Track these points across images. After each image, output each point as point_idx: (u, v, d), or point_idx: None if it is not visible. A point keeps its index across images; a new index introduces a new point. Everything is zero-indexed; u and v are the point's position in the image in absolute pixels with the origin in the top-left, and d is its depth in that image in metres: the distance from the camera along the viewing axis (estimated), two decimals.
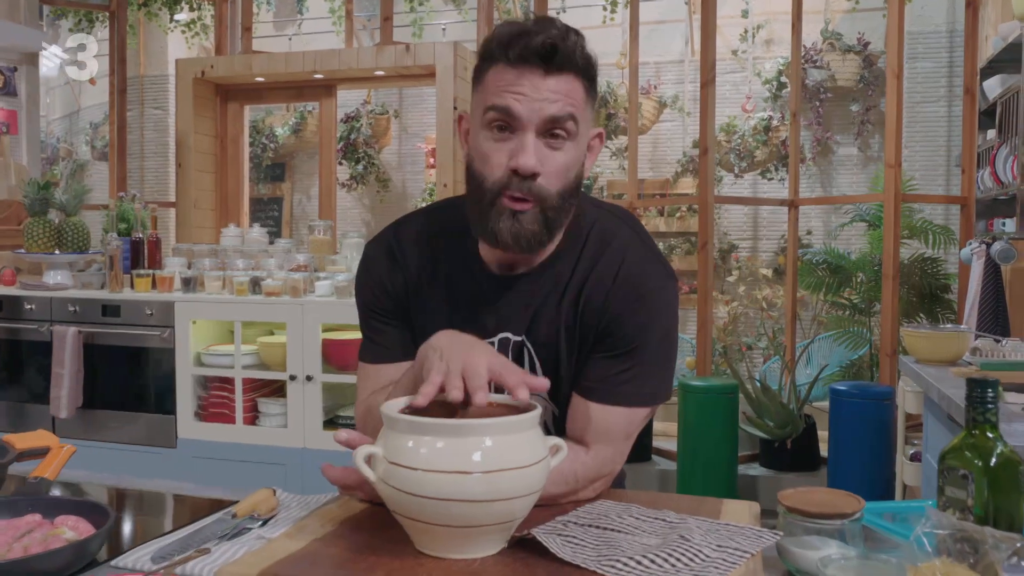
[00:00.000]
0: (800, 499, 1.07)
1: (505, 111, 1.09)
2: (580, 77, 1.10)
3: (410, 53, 4.36)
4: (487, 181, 1.12)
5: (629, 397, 1.18)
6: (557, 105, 1.08)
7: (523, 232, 1.12)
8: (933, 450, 2.63)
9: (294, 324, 3.14)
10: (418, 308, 1.25)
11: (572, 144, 1.12)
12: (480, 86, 1.14)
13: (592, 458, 1.17)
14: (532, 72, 1.08)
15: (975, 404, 0.82)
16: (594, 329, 1.19)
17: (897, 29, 3.90)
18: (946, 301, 4.41)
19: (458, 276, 1.24)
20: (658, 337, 1.19)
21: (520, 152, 1.08)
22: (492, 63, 1.11)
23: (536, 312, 1.21)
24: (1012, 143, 3.09)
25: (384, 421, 0.95)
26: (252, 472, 3.22)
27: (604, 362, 1.19)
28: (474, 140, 1.15)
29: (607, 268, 1.19)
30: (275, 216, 7.41)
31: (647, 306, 1.18)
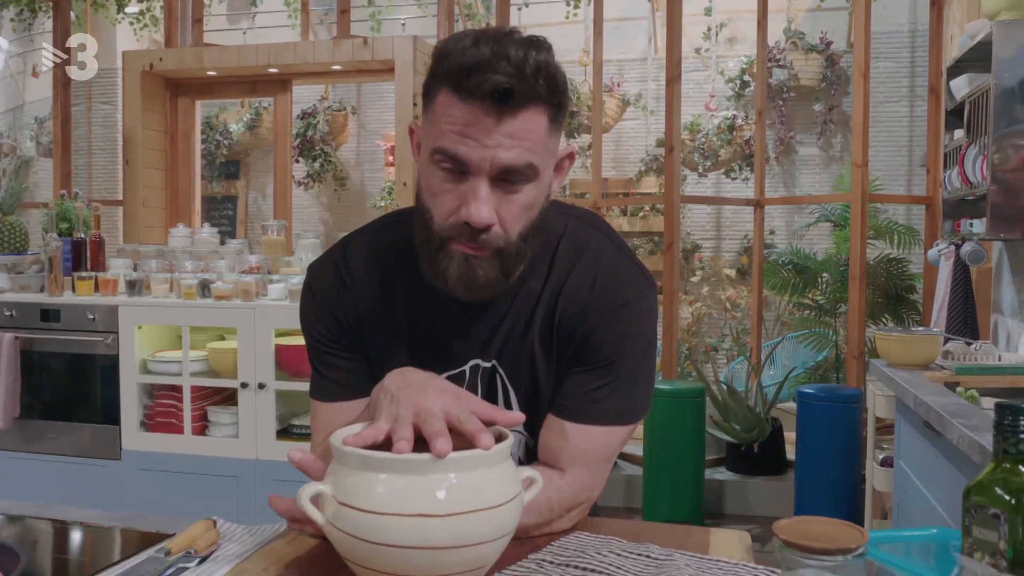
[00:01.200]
0: (797, 531, 0.97)
1: (453, 158, 0.95)
2: (543, 107, 0.96)
3: (368, 47, 4.23)
4: (434, 223, 1.00)
5: (607, 415, 1.08)
6: (512, 153, 0.94)
7: (476, 278, 1.00)
8: (906, 455, 2.58)
9: (245, 329, 3.00)
10: (374, 339, 1.12)
11: (533, 184, 0.99)
12: (430, 110, 0.99)
13: (568, 484, 1.06)
14: (485, 113, 0.93)
15: (1006, 434, 0.73)
16: (571, 343, 1.09)
17: (864, 28, 3.86)
18: (911, 302, 4.38)
19: (416, 300, 1.10)
20: (638, 350, 1.09)
21: (472, 200, 0.96)
22: (442, 86, 0.96)
23: (507, 335, 1.10)
24: (981, 143, 3.04)
25: (334, 455, 0.84)
26: (201, 485, 3.07)
27: (580, 377, 1.08)
28: (423, 169, 1.02)
29: (582, 278, 1.08)
30: (229, 215, 7.20)
31: (626, 316, 1.08)
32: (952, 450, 1.97)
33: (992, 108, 2.90)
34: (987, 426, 1.80)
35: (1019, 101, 2.88)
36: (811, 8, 5.76)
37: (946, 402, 2.10)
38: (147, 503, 3.11)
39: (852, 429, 3.69)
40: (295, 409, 3.24)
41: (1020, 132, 2.87)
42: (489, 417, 0.88)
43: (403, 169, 4.22)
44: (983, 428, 1.78)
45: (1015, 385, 2.46)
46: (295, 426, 3.12)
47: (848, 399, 3.70)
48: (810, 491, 3.76)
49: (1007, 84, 2.88)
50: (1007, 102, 2.88)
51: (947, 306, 3.31)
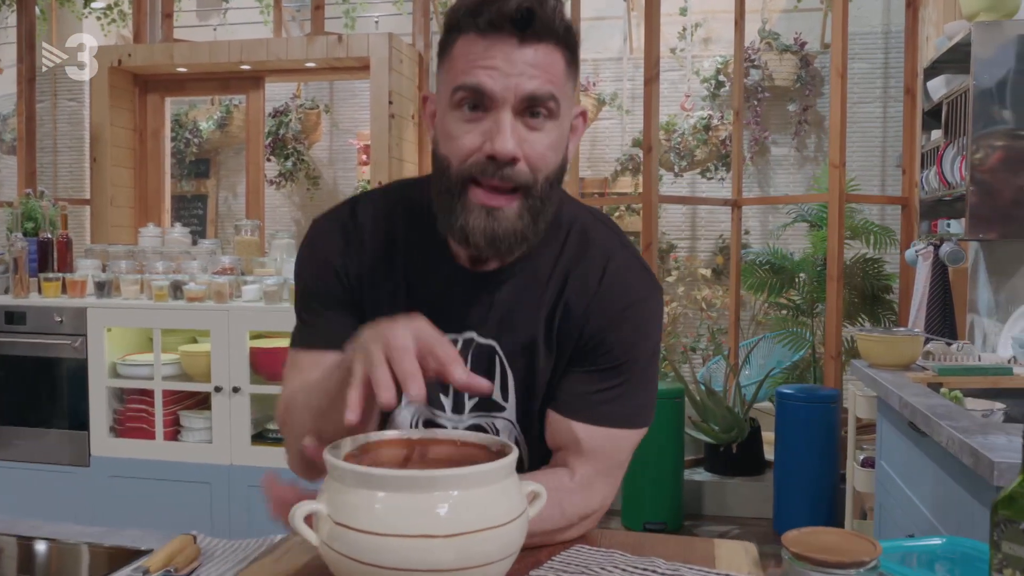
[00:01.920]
0: (807, 543, 0.94)
1: (475, 89, 0.92)
2: (560, 47, 0.95)
3: (343, 44, 4.17)
4: (454, 167, 0.95)
5: (618, 418, 1.04)
6: (536, 81, 0.92)
7: (500, 231, 0.95)
8: (888, 456, 2.57)
9: (219, 332, 2.92)
10: (371, 300, 1.07)
11: (554, 124, 0.96)
12: (446, 61, 0.97)
13: (580, 488, 1.02)
14: (505, 42, 0.92)
15: None
16: (574, 339, 1.04)
17: (841, 29, 3.86)
18: (887, 302, 4.40)
19: (420, 266, 1.06)
20: (647, 353, 1.06)
21: (496, 134, 0.92)
22: (459, 33, 0.95)
23: (509, 312, 1.05)
24: (960, 143, 3.05)
25: (328, 470, 0.79)
26: (174, 491, 3.00)
27: (587, 377, 1.04)
28: (440, 121, 0.98)
29: (590, 270, 1.05)
30: (199, 214, 7.08)
31: (633, 320, 1.04)
32: (939, 452, 1.96)
33: (971, 109, 2.91)
34: (976, 428, 1.79)
35: (997, 102, 2.89)
36: (785, 9, 5.77)
37: (932, 403, 2.09)
38: (117, 510, 3.03)
39: (831, 429, 3.70)
40: (270, 413, 3.17)
41: (999, 132, 2.88)
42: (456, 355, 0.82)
43: (378, 169, 4.16)
44: (972, 430, 1.77)
45: (997, 386, 2.46)
46: (270, 431, 3.05)
47: (827, 399, 3.70)
48: (789, 491, 3.76)
49: (986, 85, 2.89)
50: (986, 103, 2.89)
51: (926, 306, 3.32)
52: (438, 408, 1.09)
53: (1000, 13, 2.93)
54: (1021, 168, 2.86)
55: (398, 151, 4.20)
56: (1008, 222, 2.88)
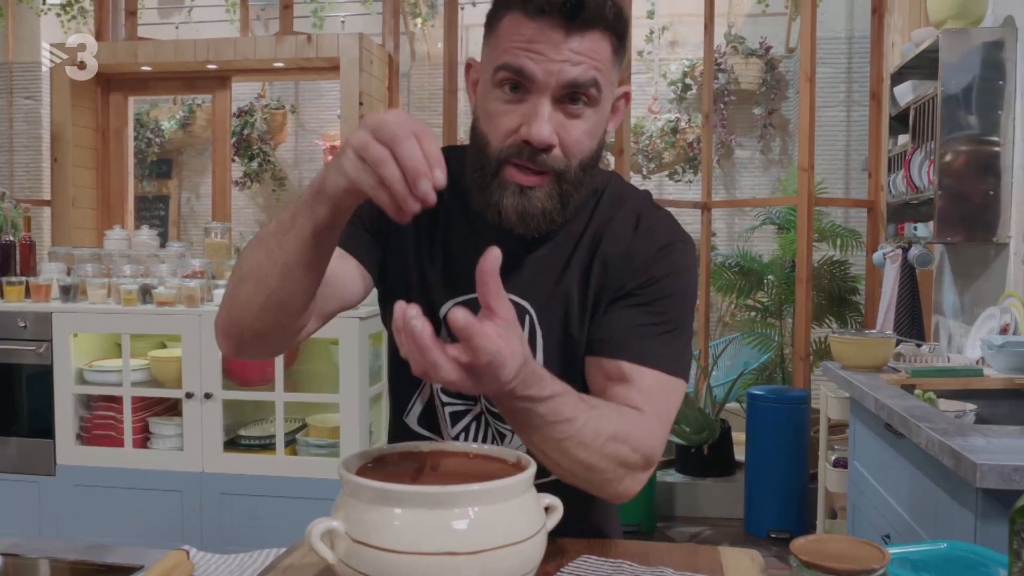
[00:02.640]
0: (815, 550, 0.94)
1: (518, 72, 0.92)
2: (608, 34, 0.95)
3: (312, 44, 4.12)
4: (491, 146, 0.96)
5: (663, 359, 1.00)
6: (579, 68, 0.93)
7: (531, 210, 0.96)
8: (862, 457, 2.60)
9: (191, 337, 2.87)
10: (402, 249, 1.07)
11: (593, 111, 0.96)
12: (492, 35, 0.97)
13: (639, 417, 0.95)
14: (553, 28, 0.92)
15: None
16: (613, 290, 1.04)
17: (810, 33, 3.91)
18: (854, 304, 4.47)
19: (454, 224, 1.07)
20: (684, 299, 1.04)
21: (533, 120, 0.93)
22: (508, 10, 0.95)
23: (540, 271, 1.05)
24: (927, 148, 3.11)
25: (344, 486, 0.77)
26: (143, 500, 2.93)
27: (631, 312, 1.02)
28: (482, 96, 0.99)
29: (625, 223, 1.06)
30: (161, 215, 6.96)
31: (670, 260, 1.04)
32: (916, 453, 1.99)
33: (939, 114, 2.96)
34: (954, 430, 1.81)
35: (964, 107, 2.95)
36: (751, 13, 5.84)
37: (908, 405, 2.12)
38: (85, 520, 2.96)
39: (801, 430, 3.74)
40: (242, 419, 3.12)
41: (965, 138, 2.93)
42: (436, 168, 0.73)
43: None
44: (951, 432, 1.79)
45: (968, 387, 2.50)
46: (243, 437, 3.00)
47: (797, 400, 3.74)
48: (760, 492, 3.79)
49: (953, 91, 2.94)
50: (953, 108, 2.95)
51: (894, 308, 3.37)
52: None
53: (967, 21, 2.98)
54: (987, 173, 2.92)
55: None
56: (974, 225, 2.94)
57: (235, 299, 0.90)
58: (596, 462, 0.90)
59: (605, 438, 0.90)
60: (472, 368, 0.72)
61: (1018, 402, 2.50)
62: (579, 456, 0.88)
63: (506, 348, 0.72)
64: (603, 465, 0.91)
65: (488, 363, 0.72)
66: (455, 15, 4.26)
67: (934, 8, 3.05)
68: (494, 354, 0.71)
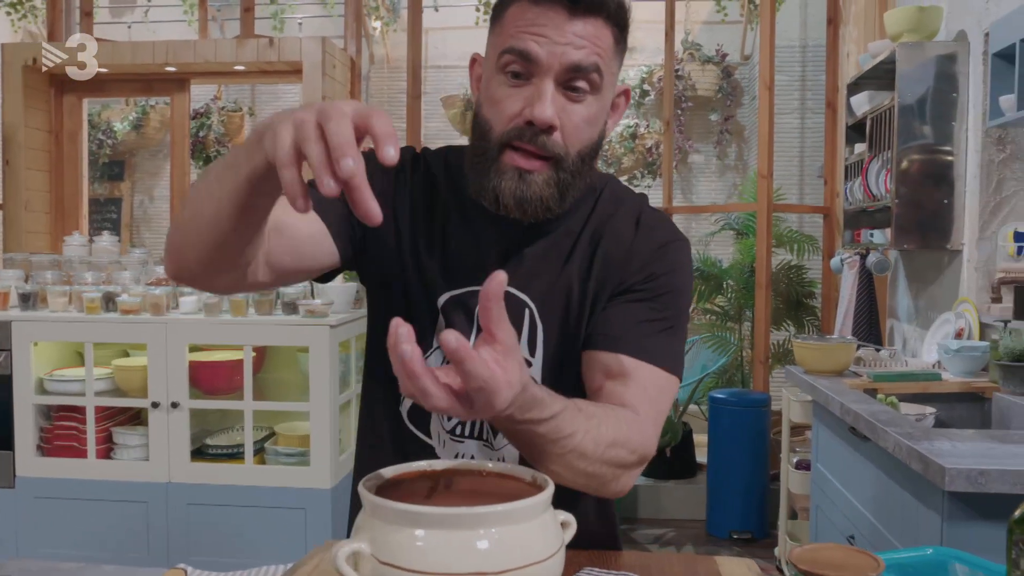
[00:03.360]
0: (812, 559, 0.97)
1: (522, 54, 0.94)
2: (610, 23, 0.97)
3: (274, 48, 4.09)
4: (494, 130, 0.97)
5: (660, 355, 1.01)
6: (582, 52, 0.94)
7: (529, 195, 0.97)
8: (824, 459, 2.67)
9: (156, 345, 2.82)
10: (382, 236, 1.07)
11: (595, 98, 0.98)
12: (497, 26, 0.99)
13: (640, 425, 0.96)
14: (556, 12, 0.94)
15: None
16: (613, 282, 1.06)
17: (769, 43, 3.99)
18: (811, 308, 4.57)
19: (455, 216, 1.08)
20: (681, 297, 1.07)
21: (536, 101, 0.94)
22: (512, 0, 0.97)
23: (540, 265, 1.07)
24: (884, 157, 3.19)
25: (366, 507, 0.78)
26: (108, 511, 2.88)
27: (631, 307, 1.04)
28: (486, 84, 1.00)
29: (625, 221, 1.08)
30: (113, 218, 6.82)
31: (669, 258, 1.07)
32: (882, 456, 2.05)
33: (896, 124, 3.05)
34: (920, 434, 1.88)
35: (919, 118, 3.04)
36: (707, 21, 5.93)
37: (873, 410, 2.18)
38: (47, 533, 2.89)
39: (762, 432, 3.81)
40: (208, 428, 3.09)
41: (921, 147, 3.03)
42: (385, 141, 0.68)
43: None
44: (917, 436, 1.86)
45: (927, 391, 2.58)
46: (209, 446, 2.96)
47: (758, 403, 3.81)
48: (722, 493, 3.86)
49: (909, 101, 3.03)
50: (909, 119, 3.04)
51: (852, 313, 3.45)
52: None
53: (922, 35, 3.08)
54: (941, 182, 3.01)
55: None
56: (929, 233, 3.03)
57: (178, 221, 0.91)
58: (596, 470, 0.92)
59: (605, 446, 0.91)
60: (464, 394, 0.72)
61: (973, 405, 2.59)
62: (579, 466, 0.90)
63: (500, 375, 0.71)
64: (603, 471, 0.93)
65: (479, 388, 0.70)
66: (419, 20, 4.26)
67: (891, 22, 3.14)
68: (486, 380, 0.69)
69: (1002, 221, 2.81)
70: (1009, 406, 2.40)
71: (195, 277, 0.95)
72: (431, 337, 1.08)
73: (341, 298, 2.93)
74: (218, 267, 0.91)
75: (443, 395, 0.70)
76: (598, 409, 0.94)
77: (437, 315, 1.07)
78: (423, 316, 1.07)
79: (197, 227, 0.87)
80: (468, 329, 1.06)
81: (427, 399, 0.70)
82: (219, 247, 0.87)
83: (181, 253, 0.92)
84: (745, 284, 4.47)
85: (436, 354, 1.08)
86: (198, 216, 0.86)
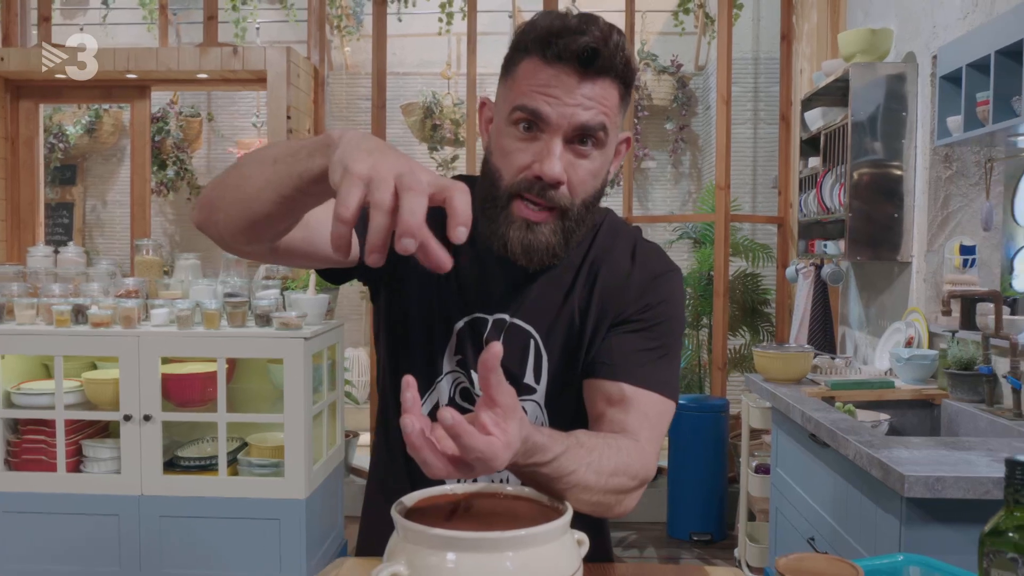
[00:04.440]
0: (798, 568, 1.05)
1: (534, 113, 1.00)
2: (617, 82, 1.03)
3: (238, 57, 4.09)
4: (504, 180, 1.03)
5: (660, 383, 1.08)
6: (590, 113, 1.00)
7: (536, 244, 1.03)
8: (784, 463, 2.77)
9: (128, 358, 2.82)
10: (411, 266, 1.13)
11: (600, 153, 1.04)
12: (510, 78, 1.04)
13: (640, 450, 1.03)
14: (568, 74, 1.00)
15: (1017, 486, 0.84)
16: (612, 313, 1.13)
17: (726, 57, 4.11)
18: (766, 315, 4.71)
19: (464, 249, 1.11)
20: (677, 325, 1.14)
21: (546, 157, 1.00)
22: (526, 55, 1.02)
23: (543, 298, 1.13)
24: (838, 172, 3.32)
25: (404, 534, 0.83)
26: (78, 526, 2.87)
27: (631, 337, 1.11)
28: (496, 133, 1.06)
29: (621, 253, 1.15)
30: (65, 223, 6.71)
31: (665, 287, 1.14)
32: (842, 462, 2.15)
33: (849, 140, 3.18)
34: (879, 442, 1.98)
35: (871, 135, 3.18)
36: (663, 32, 6.05)
37: (833, 418, 2.29)
38: (15, 548, 2.87)
39: (721, 437, 3.93)
40: (178, 440, 3.09)
41: (872, 163, 3.16)
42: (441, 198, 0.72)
43: None
44: (876, 444, 1.96)
45: (882, 398, 2.71)
46: (181, 458, 2.96)
47: (717, 408, 3.93)
48: (682, 496, 3.96)
49: (861, 119, 3.17)
50: (861, 135, 3.17)
51: (808, 321, 3.58)
52: (468, 384, 1.15)
53: (874, 55, 3.21)
54: (892, 196, 3.15)
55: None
56: (880, 245, 3.17)
57: (222, 180, 0.94)
58: (600, 499, 0.99)
59: (607, 476, 0.98)
60: (463, 461, 0.78)
61: (924, 411, 2.73)
62: (584, 497, 0.97)
63: (498, 440, 0.77)
64: (606, 499, 1.00)
65: (478, 459, 0.76)
66: (383, 30, 4.29)
67: (844, 42, 3.27)
68: (481, 451, 0.75)
69: (949, 235, 2.95)
70: (957, 412, 2.53)
71: (221, 238, 0.98)
72: (442, 358, 1.15)
73: (314, 310, 2.96)
74: (244, 236, 0.95)
75: (442, 464, 0.78)
76: (599, 441, 1.00)
77: (451, 337, 1.14)
78: (437, 338, 1.15)
79: (237, 196, 0.91)
80: (476, 354, 1.13)
81: (427, 469, 0.78)
82: (252, 221, 0.91)
83: (213, 210, 0.95)
84: (703, 292, 4.59)
85: (447, 379, 1.15)
86: (242, 185, 0.90)
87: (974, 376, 2.51)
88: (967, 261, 2.86)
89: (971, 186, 2.93)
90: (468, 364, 1.14)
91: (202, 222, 0.99)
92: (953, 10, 2.84)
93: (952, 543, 1.73)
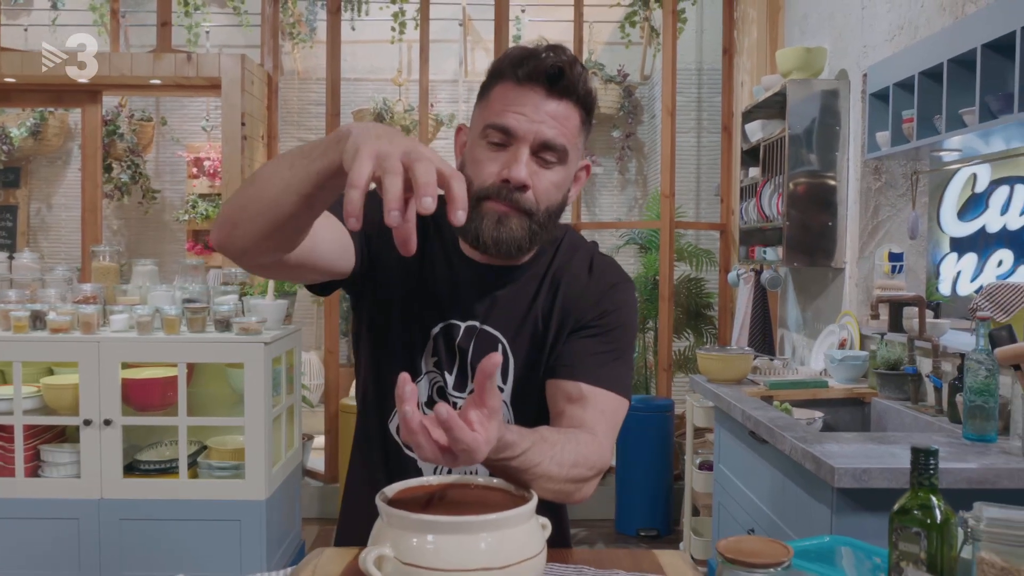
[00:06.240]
0: (736, 548, 1.16)
1: (503, 129, 1.12)
2: (579, 107, 1.15)
3: (192, 63, 4.12)
4: (474, 185, 1.14)
5: (615, 382, 1.21)
6: (554, 131, 1.12)
7: (505, 236, 1.14)
8: (726, 460, 2.92)
9: (88, 363, 2.85)
10: (387, 270, 1.23)
11: (562, 167, 1.15)
12: (484, 102, 1.17)
13: (598, 443, 1.14)
14: (536, 92, 1.12)
15: (920, 470, 0.97)
16: (572, 319, 1.24)
17: (671, 69, 4.27)
18: (709, 318, 4.88)
19: (435, 257, 1.25)
20: (629, 331, 1.26)
21: (513, 163, 1.12)
22: (500, 80, 1.15)
23: (511, 306, 1.24)
24: (776, 182, 3.49)
25: (388, 520, 0.93)
26: (37, 530, 2.88)
27: (586, 341, 1.22)
28: (470, 148, 1.18)
29: (580, 266, 1.27)
30: (8, 227, 6.61)
31: (619, 296, 1.26)
32: (779, 457, 2.30)
33: (787, 152, 3.35)
34: (813, 438, 2.13)
35: (807, 147, 3.35)
36: (609, 42, 6.21)
37: (771, 416, 2.43)
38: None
39: (666, 436, 4.08)
40: (137, 444, 3.12)
41: (809, 174, 3.33)
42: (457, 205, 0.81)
43: (230, 190, 4.13)
44: (810, 440, 2.11)
45: (816, 397, 2.87)
46: (141, 462, 3.00)
47: (663, 408, 4.07)
48: (629, 494, 4.10)
49: (798, 131, 3.34)
50: (798, 147, 3.35)
51: (748, 324, 3.75)
52: (443, 384, 1.26)
53: (809, 72, 3.39)
54: (826, 206, 3.33)
55: (250, 172, 4.19)
56: (815, 251, 3.34)
57: (240, 196, 1.00)
58: (561, 487, 1.11)
59: (568, 467, 1.10)
60: (450, 450, 0.90)
61: (855, 409, 2.90)
62: (547, 486, 1.08)
63: (481, 436, 0.88)
64: (567, 488, 1.12)
65: (463, 450, 0.88)
66: (338, 38, 4.36)
67: (781, 59, 3.44)
68: (469, 443, 0.87)
69: (878, 243, 3.14)
70: (886, 409, 2.71)
71: (244, 251, 1.03)
72: (421, 360, 1.25)
73: (273, 316, 3.03)
74: (270, 245, 1.01)
75: (433, 449, 0.89)
76: (560, 436, 1.12)
77: (428, 341, 1.25)
78: (416, 342, 1.25)
79: (259, 205, 0.97)
80: (451, 357, 1.25)
81: (420, 451, 0.90)
82: (276, 225, 0.98)
83: (236, 226, 1.01)
84: (649, 296, 4.74)
85: (425, 379, 1.26)
86: (263, 195, 0.97)
87: (900, 376, 2.68)
88: (895, 267, 3.04)
89: (899, 197, 3.11)
90: (443, 366, 1.25)
91: (222, 239, 1.04)
92: (881, 32, 3.02)
93: (877, 529, 1.87)
